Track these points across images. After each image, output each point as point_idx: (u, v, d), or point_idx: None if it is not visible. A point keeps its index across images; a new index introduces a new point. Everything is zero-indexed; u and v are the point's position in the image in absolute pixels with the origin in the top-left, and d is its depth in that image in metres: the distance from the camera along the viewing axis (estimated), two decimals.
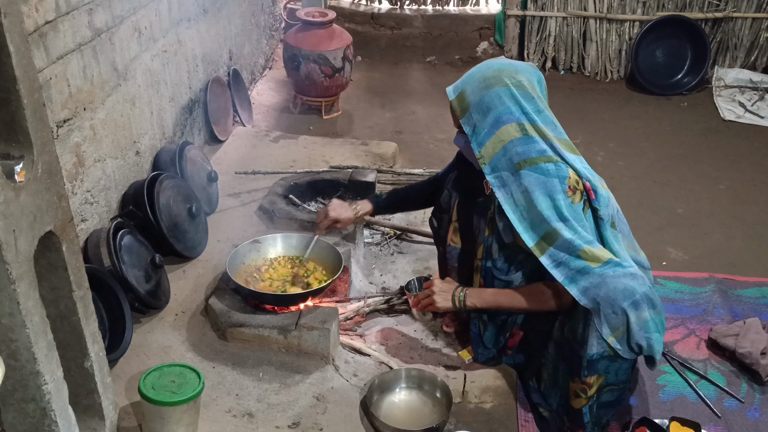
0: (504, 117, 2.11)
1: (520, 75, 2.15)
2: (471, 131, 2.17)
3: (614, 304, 1.98)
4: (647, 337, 2.02)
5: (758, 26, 5.15)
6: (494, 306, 2.27)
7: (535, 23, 5.27)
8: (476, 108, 2.15)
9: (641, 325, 2.00)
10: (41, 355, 1.59)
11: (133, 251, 2.48)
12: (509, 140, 2.10)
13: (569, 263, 2.04)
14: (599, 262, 2.02)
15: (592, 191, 2.10)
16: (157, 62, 3.05)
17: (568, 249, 2.04)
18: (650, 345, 2.03)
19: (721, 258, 3.25)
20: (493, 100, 2.12)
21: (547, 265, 2.07)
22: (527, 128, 2.10)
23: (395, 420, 2.21)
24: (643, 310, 2.00)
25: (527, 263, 2.23)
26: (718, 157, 4.22)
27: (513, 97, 2.11)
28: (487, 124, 2.13)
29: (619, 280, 1.99)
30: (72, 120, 2.37)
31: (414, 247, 3.17)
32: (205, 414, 2.13)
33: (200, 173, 3.12)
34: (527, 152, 2.09)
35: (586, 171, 2.14)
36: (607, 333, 2.01)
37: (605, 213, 2.12)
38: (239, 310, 2.42)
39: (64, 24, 2.28)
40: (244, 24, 4.39)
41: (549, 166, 2.07)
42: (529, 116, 2.11)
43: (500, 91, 2.12)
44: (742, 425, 2.31)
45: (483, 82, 2.15)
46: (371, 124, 4.50)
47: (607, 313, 1.99)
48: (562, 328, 2.17)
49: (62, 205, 1.68)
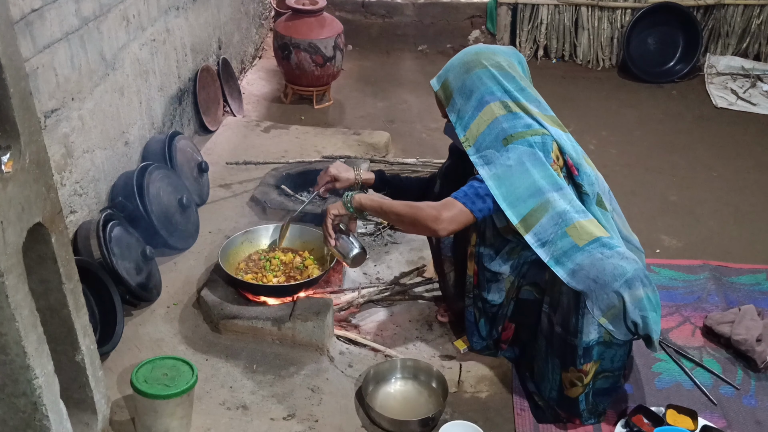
0: (486, 97, 2.11)
1: (498, 56, 2.16)
2: (456, 117, 2.17)
3: (606, 286, 1.97)
4: (643, 315, 2.01)
5: (750, 13, 5.15)
6: (377, 206, 2.21)
7: (526, 11, 5.24)
8: (459, 93, 2.15)
9: (636, 303, 2.00)
10: (31, 349, 1.57)
11: (124, 243, 2.45)
12: (494, 118, 2.10)
13: (555, 242, 2.02)
14: (586, 240, 2.00)
15: (575, 167, 2.09)
16: (145, 51, 3.01)
17: (558, 222, 2.02)
18: (646, 323, 2.02)
19: (715, 245, 3.25)
20: (474, 82, 2.12)
21: (532, 243, 2.05)
22: (511, 105, 2.10)
23: (391, 410, 2.20)
24: (636, 288, 1.99)
25: (519, 250, 2.21)
26: (710, 144, 4.22)
27: (493, 78, 2.12)
28: (470, 106, 2.13)
29: (608, 261, 1.98)
30: (60, 110, 2.34)
31: (407, 237, 3.15)
32: (199, 407, 2.11)
33: (190, 164, 3.08)
34: (514, 127, 2.08)
35: (571, 148, 2.13)
36: (599, 314, 2.00)
37: (590, 190, 2.11)
38: (232, 302, 2.40)
39: (50, 12, 2.24)
40: (233, 12, 4.34)
41: (536, 138, 2.06)
42: (512, 94, 2.11)
43: (480, 73, 2.13)
44: (738, 412, 2.31)
45: (463, 67, 2.16)
46: (363, 113, 4.47)
47: (599, 295, 1.98)
48: (550, 322, 2.16)
49: (51, 197, 1.65)
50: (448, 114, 2.20)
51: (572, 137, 2.19)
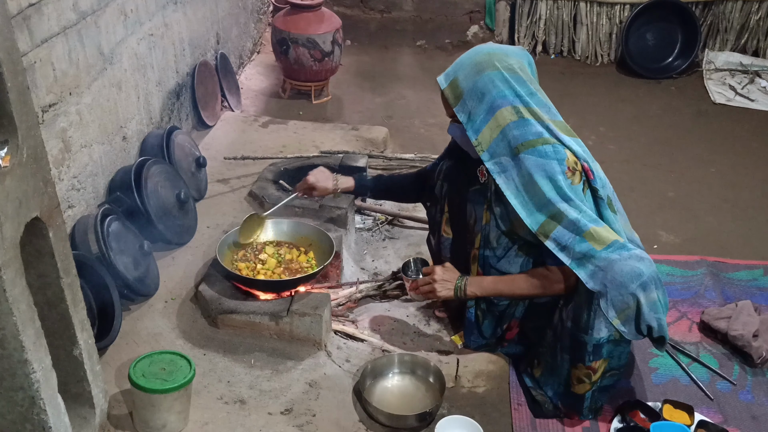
0: (498, 101, 2.09)
1: (511, 59, 2.14)
2: (466, 118, 2.14)
3: (622, 288, 1.97)
4: (657, 317, 2.01)
5: (748, 9, 5.14)
6: (494, 293, 2.25)
7: (525, 6, 5.24)
8: (470, 94, 2.12)
9: (651, 305, 2.00)
10: (29, 343, 1.57)
11: (121, 238, 2.45)
12: (506, 124, 2.08)
13: (574, 246, 2.03)
14: (604, 244, 2.01)
15: (591, 172, 2.09)
16: (143, 46, 3.00)
17: (573, 230, 2.02)
18: (660, 325, 2.02)
19: (713, 241, 3.26)
20: (486, 84, 2.10)
21: (552, 248, 2.06)
22: (522, 111, 2.08)
23: (388, 405, 2.20)
24: (651, 291, 1.99)
25: (524, 252, 2.21)
26: (708, 140, 4.22)
27: (505, 81, 2.09)
28: (482, 110, 2.11)
29: (625, 263, 1.98)
30: (57, 105, 2.33)
31: (405, 232, 3.15)
32: (197, 401, 2.11)
33: (188, 159, 3.08)
34: (524, 135, 2.07)
35: (584, 152, 2.13)
36: (613, 315, 2.00)
37: (603, 193, 2.12)
38: (230, 297, 2.40)
39: (48, 7, 2.23)
40: (231, 7, 4.33)
41: (547, 148, 2.05)
42: (523, 99, 2.09)
43: (492, 75, 2.10)
44: (735, 407, 2.31)
45: (474, 68, 2.13)
46: (361, 108, 4.47)
47: (614, 296, 1.98)
48: (560, 317, 2.16)
49: (48, 191, 1.66)
50: (456, 114, 2.16)
51: (581, 141, 2.18)
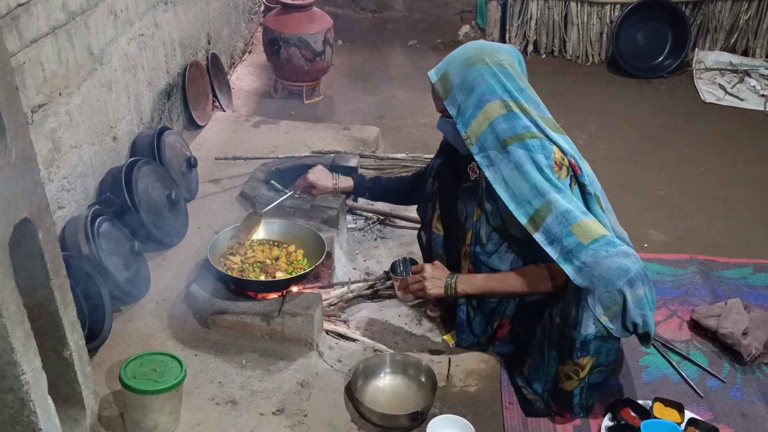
0: (487, 95, 2.10)
1: (501, 55, 2.15)
2: (456, 112, 2.16)
3: (609, 284, 1.98)
4: (643, 314, 2.02)
5: (738, 9, 5.17)
6: (486, 291, 2.26)
7: (516, 6, 5.25)
8: (459, 88, 2.14)
9: (637, 302, 2.00)
10: (18, 345, 1.56)
11: (112, 239, 2.44)
12: (494, 117, 2.09)
13: (562, 240, 2.03)
14: (591, 238, 2.01)
15: (578, 167, 2.10)
16: (133, 46, 3.00)
17: (562, 221, 2.02)
18: (646, 322, 2.03)
19: (703, 239, 3.27)
20: (476, 78, 2.11)
21: (541, 242, 2.06)
22: (511, 105, 2.10)
23: (380, 405, 2.20)
24: (638, 288, 2.00)
25: (515, 249, 2.22)
26: (698, 139, 4.24)
27: (495, 76, 2.11)
28: (471, 103, 2.12)
29: (612, 260, 1.99)
30: (47, 105, 2.32)
31: (397, 232, 3.15)
32: (188, 402, 2.11)
33: (179, 159, 3.07)
34: (513, 128, 2.08)
35: (571, 149, 2.14)
36: (600, 312, 2.01)
37: (591, 189, 2.12)
38: (221, 297, 2.39)
39: (37, 6, 2.22)
40: (222, 7, 4.32)
41: (534, 142, 2.07)
42: (512, 94, 2.11)
43: (482, 70, 2.11)
44: (725, 405, 2.33)
45: (465, 62, 2.15)
46: (353, 108, 4.47)
47: (601, 293, 1.99)
48: (550, 314, 2.16)
49: (38, 192, 1.65)
50: (446, 107, 2.18)
51: (569, 139, 2.19)
